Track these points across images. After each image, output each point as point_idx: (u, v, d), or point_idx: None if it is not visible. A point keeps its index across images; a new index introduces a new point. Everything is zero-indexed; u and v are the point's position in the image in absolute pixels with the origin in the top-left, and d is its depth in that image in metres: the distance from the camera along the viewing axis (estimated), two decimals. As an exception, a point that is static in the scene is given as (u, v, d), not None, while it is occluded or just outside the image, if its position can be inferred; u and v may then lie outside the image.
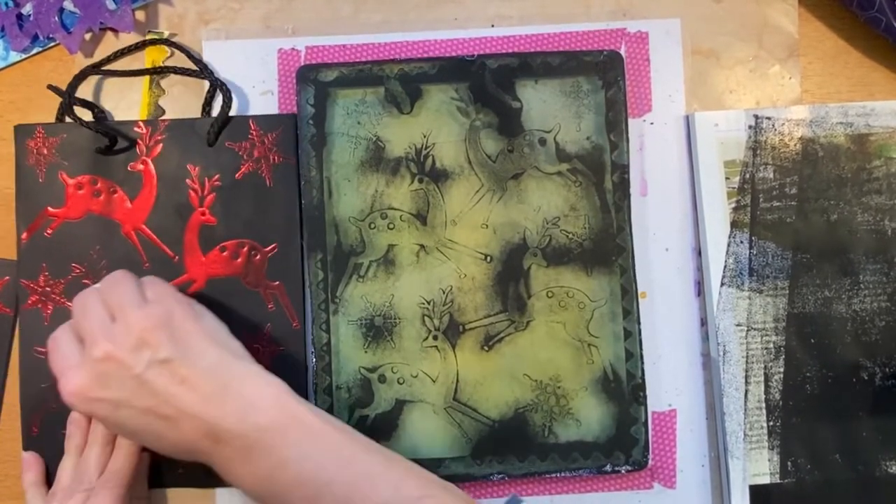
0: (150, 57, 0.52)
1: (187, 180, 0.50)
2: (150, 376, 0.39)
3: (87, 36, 0.51)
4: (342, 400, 0.49)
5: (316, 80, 0.50)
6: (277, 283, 0.49)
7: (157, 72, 0.51)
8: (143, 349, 0.39)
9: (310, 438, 0.39)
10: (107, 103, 0.52)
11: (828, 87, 0.52)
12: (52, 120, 0.50)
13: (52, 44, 0.51)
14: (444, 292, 0.49)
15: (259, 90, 0.51)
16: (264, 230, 0.49)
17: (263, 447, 0.38)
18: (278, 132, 0.50)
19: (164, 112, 0.51)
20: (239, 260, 0.49)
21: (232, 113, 0.50)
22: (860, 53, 0.53)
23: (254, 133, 0.50)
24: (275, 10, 0.52)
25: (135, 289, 0.42)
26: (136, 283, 0.42)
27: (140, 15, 0.52)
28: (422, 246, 0.50)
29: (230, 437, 0.38)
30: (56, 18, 0.50)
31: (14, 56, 0.51)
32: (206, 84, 0.50)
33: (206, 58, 0.51)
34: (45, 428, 0.49)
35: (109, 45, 0.52)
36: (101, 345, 0.39)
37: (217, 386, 0.39)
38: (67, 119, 0.49)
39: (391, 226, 0.50)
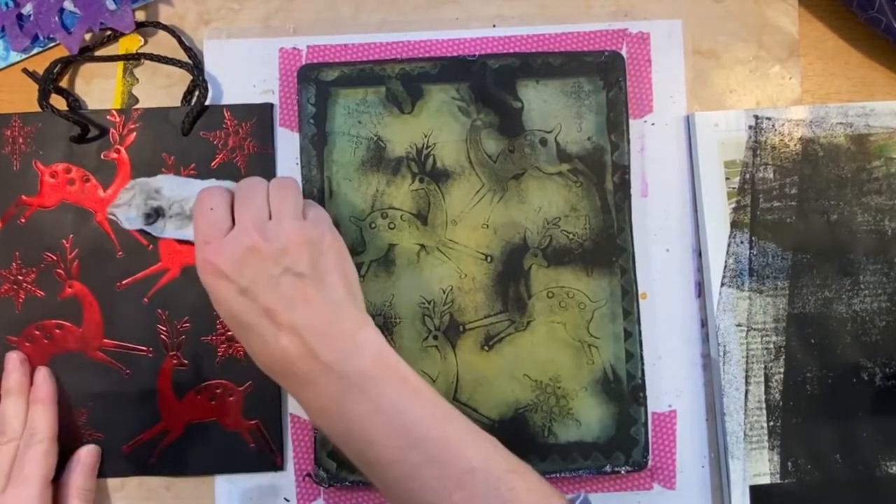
0: (124, 46, 0.52)
1: (162, 169, 0.50)
2: (284, 282, 0.39)
3: (88, 36, 0.51)
4: None
5: (317, 80, 0.50)
6: None
7: (131, 58, 0.51)
8: (285, 256, 0.40)
9: (408, 392, 0.39)
10: (81, 92, 0.52)
11: (828, 87, 0.52)
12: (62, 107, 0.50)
13: (53, 44, 0.51)
14: (444, 292, 0.49)
15: (260, 89, 0.51)
16: None
17: (360, 391, 0.38)
18: (253, 122, 0.50)
19: (137, 101, 0.51)
20: None
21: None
22: (860, 54, 0.53)
23: (228, 122, 0.50)
24: (275, 9, 0.52)
25: (300, 202, 0.42)
26: (301, 196, 0.43)
27: (140, 15, 0.52)
28: (422, 246, 0.50)
29: (329, 371, 0.38)
30: (56, 18, 0.50)
31: (14, 56, 0.51)
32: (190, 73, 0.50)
33: (206, 58, 0.51)
34: None
35: (110, 45, 0.52)
36: (252, 235, 0.40)
37: (334, 321, 0.40)
38: (42, 108, 0.49)
39: (392, 225, 0.50)
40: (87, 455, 0.48)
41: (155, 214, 0.48)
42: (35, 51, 0.51)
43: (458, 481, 0.37)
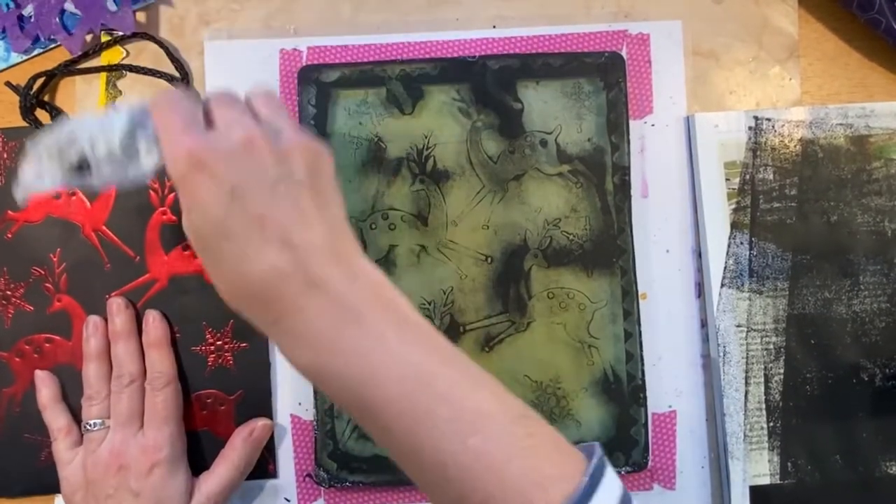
0: (106, 58, 0.52)
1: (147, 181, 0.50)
2: (281, 188, 0.33)
3: (88, 37, 0.51)
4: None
5: (317, 81, 0.50)
6: None
7: (113, 69, 0.51)
8: (286, 160, 0.34)
9: (410, 328, 0.34)
10: (65, 105, 0.51)
11: (828, 88, 0.52)
12: (46, 121, 0.50)
13: (54, 45, 0.51)
14: (444, 293, 0.49)
15: (260, 91, 0.51)
16: None
17: (357, 322, 0.32)
18: None
19: None
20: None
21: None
22: (860, 55, 0.53)
23: None
24: (276, 10, 0.52)
25: (289, 116, 0.37)
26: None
27: (141, 16, 0.52)
28: (422, 247, 0.50)
29: (322, 294, 0.32)
30: (57, 20, 0.50)
31: (15, 57, 0.51)
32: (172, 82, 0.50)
33: (207, 59, 0.51)
34: (8, 433, 0.49)
35: (93, 57, 0.52)
36: (250, 128, 0.34)
37: (332, 240, 0.34)
38: (25, 122, 0.49)
39: (392, 226, 0.50)
40: (261, 429, 0.48)
41: (82, 165, 0.37)
42: (36, 52, 0.51)
43: (472, 424, 0.32)
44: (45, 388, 0.48)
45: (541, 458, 0.32)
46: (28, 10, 0.50)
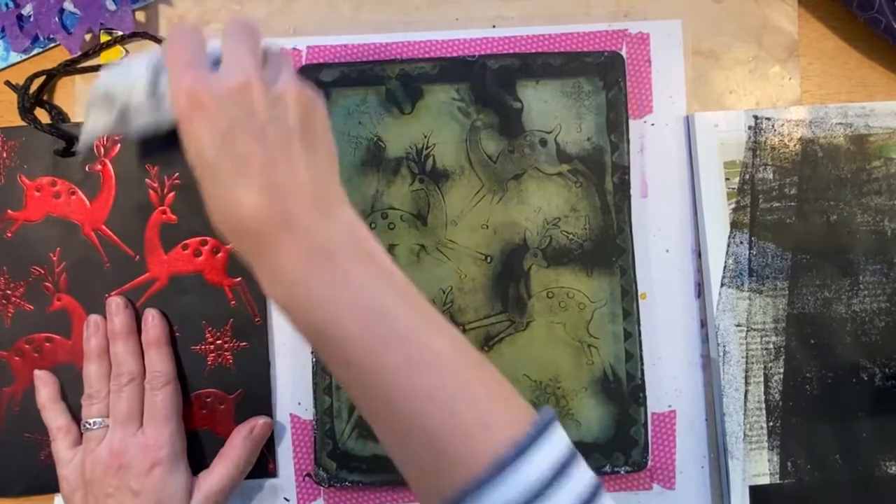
0: (106, 58, 0.52)
1: (147, 179, 0.50)
2: (269, 131, 0.35)
3: (88, 37, 0.51)
4: (343, 399, 0.49)
5: (317, 80, 0.50)
6: (239, 278, 0.49)
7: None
8: (278, 105, 0.36)
9: (379, 271, 0.35)
10: (64, 105, 0.52)
11: (827, 87, 0.52)
12: (45, 121, 0.50)
13: (53, 45, 0.51)
14: (444, 292, 0.49)
15: (259, 90, 0.51)
16: None
17: (328, 260, 0.34)
18: None
19: None
20: (201, 257, 0.49)
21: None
22: (860, 54, 0.53)
23: None
24: (275, 10, 0.52)
25: (290, 65, 0.39)
26: None
27: (140, 16, 0.52)
28: (422, 246, 0.50)
29: (297, 233, 0.34)
30: (56, 19, 0.50)
31: (14, 57, 0.51)
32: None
33: (206, 58, 0.51)
34: (7, 432, 0.49)
35: (93, 58, 0.52)
36: (248, 70, 0.35)
37: (314, 185, 0.36)
38: (24, 121, 0.49)
39: (391, 226, 0.50)
40: (261, 427, 0.48)
41: (124, 112, 0.41)
42: (35, 51, 0.51)
43: (427, 364, 0.33)
44: (45, 387, 0.48)
45: (491, 404, 0.34)
46: (27, 10, 0.50)
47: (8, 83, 0.50)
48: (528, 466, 0.32)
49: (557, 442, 0.33)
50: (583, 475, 0.33)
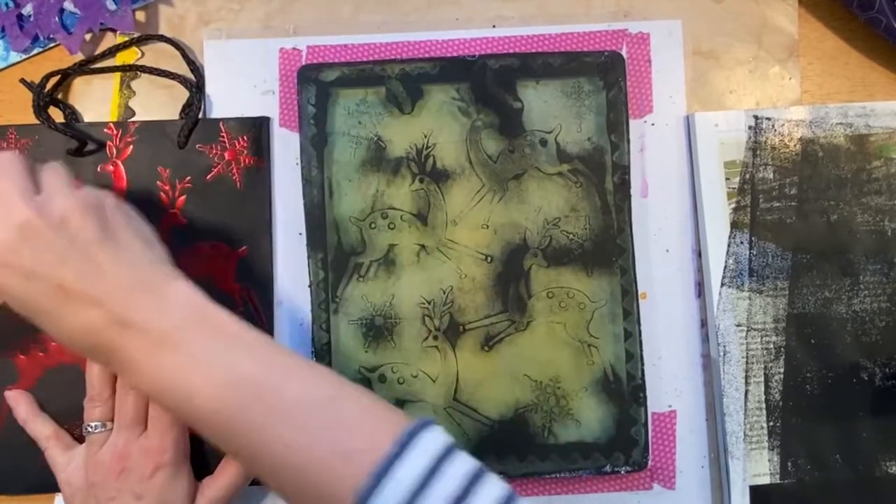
0: (121, 58, 0.52)
1: (158, 182, 0.50)
2: (71, 253, 0.37)
3: (88, 36, 0.51)
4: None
5: (317, 80, 0.50)
6: (247, 284, 0.49)
7: (128, 69, 0.51)
8: (67, 226, 0.37)
9: (225, 337, 0.37)
10: (78, 104, 0.52)
11: (828, 87, 0.52)
12: (59, 120, 0.50)
13: (53, 44, 0.51)
14: (444, 292, 0.49)
15: (260, 90, 0.51)
16: (235, 233, 0.50)
17: (173, 344, 0.36)
18: (249, 135, 0.50)
19: (134, 114, 0.51)
20: (210, 261, 0.49)
21: (225, 113, 0.51)
22: (860, 54, 0.53)
23: (224, 136, 0.50)
24: (275, 10, 0.52)
25: (68, 177, 0.40)
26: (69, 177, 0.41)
27: (140, 15, 0.52)
28: (422, 246, 0.50)
29: (139, 329, 0.36)
30: (56, 19, 0.50)
31: (14, 56, 0.51)
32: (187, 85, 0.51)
33: (206, 58, 0.51)
34: (10, 430, 0.49)
35: (109, 45, 0.52)
36: (22, 211, 0.37)
37: (135, 281, 0.37)
38: (38, 120, 0.49)
39: (392, 226, 0.50)
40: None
41: None
42: (35, 51, 0.51)
43: (282, 415, 0.35)
44: (19, 405, 0.48)
45: (349, 433, 0.35)
46: (27, 10, 0.50)
47: (23, 81, 0.50)
48: (392, 482, 0.33)
49: (426, 446, 0.34)
50: (458, 471, 0.33)
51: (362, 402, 0.37)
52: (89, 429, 0.45)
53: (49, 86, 0.50)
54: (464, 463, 0.34)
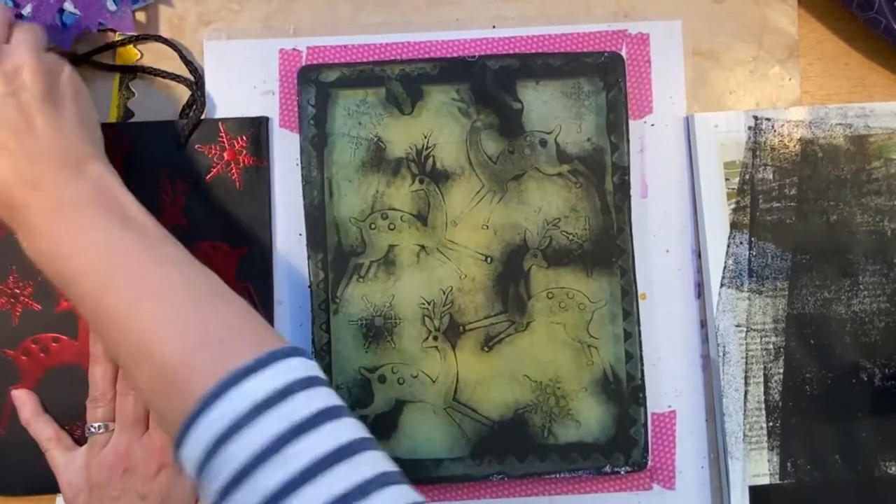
0: (121, 59, 0.52)
1: (158, 182, 0.50)
2: (9, 104, 0.38)
3: (87, 37, 0.51)
4: (345, 401, 0.49)
5: (317, 81, 0.50)
6: (247, 284, 0.49)
7: (128, 70, 0.51)
8: (17, 78, 0.39)
9: (119, 216, 0.38)
10: None
11: (827, 88, 0.52)
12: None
13: (52, 44, 0.51)
14: (444, 293, 0.49)
15: (260, 90, 0.51)
16: (235, 232, 0.50)
17: (76, 209, 0.38)
18: (249, 135, 0.50)
19: (133, 115, 0.51)
20: (211, 261, 0.49)
21: (224, 114, 0.51)
22: (860, 55, 0.53)
23: (223, 136, 0.50)
24: (275, 10, 0.52)
25: (43, 41, 0.42)
26: (45, 41, 0.42)
27: (140, 16, 0.52)
28: (422, 246, 0.50)
29: (45, 192, 0.38)
30: (56, 19, 0.50)
31: (14, 56, 0.51)
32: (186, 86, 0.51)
33: (206, 58, 0.51)
34: (12, 430, 0.49)
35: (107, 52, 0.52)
36: None
37: (58, 148, 0.39)
38: None
39: (392, 226, 0.50)
40: None
41: None
42: (35, 51, 0.51)
43: (150, 292, 0.36)
44: (25, 405, 0.48)
45: (212, 326, 0.36)
46: (27, 10, 0.50)
47: None
48: (238, 393, 0.33)
49: (282, 371, 0.34)
50: (312, 403, 0.33)
51: (238, 310, 0.37)
52: (92, 429, 0.45)
53: None
54: (321, 396, 0.34)
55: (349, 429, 0.33)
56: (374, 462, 0.33)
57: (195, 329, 0.36)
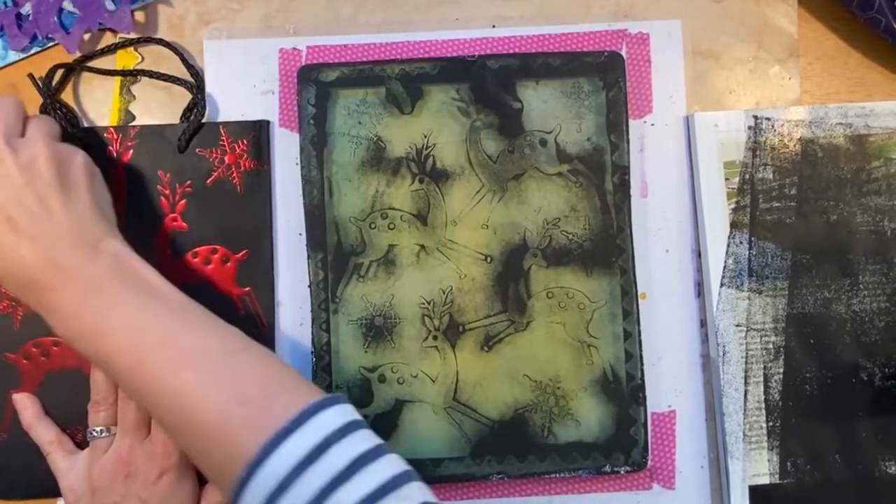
0: (122, 61, 0.52)
1: (158, 186, 0.50)
2: (28, 193, 0.40)
3: (86, 36, 0.51)
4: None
5: (317, 80, 0.50)
6: (248, 288, 0.49)
7: (129, 74, 0.51)
8: (31, 168, 0.41)
9: (147, 289, 0.40)
10: (78, 109, 0.51)
11: (827, 87, 0.52)
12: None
13: (52, 44, 0.51)
14: (444, 292, 0.49)
15: (260, 90, 0.51)
16: (235, 236, 0.50)
17: (97, 290, 0.39)
18: (249, 139, 0.50)
19: (134, 118, 0.51)
20: (210, 266, 0.49)
21: (225, 113, 0.51)
22: (860, 54, 0.53)
23: (224, 140, 0.50)
24: (275, 10, 0.52)
25: (56, 133, 0.44)
26: (59, 133, 0.45)
27: (140, 16, 0.52)
28: (422, 246, 0.50)
29: (69, 276, 0.39)
30: (55, 18, 0.50)
31: (13, 56, 0.51)
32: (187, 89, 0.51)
33: (206, 58, 0.51)
34: (13, 434, 0.49)
35: (107, 55, 0.52)
36: (1, 147, 0.41)
37: (76, 230, 0.40)
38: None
39: (392, 226, 0.50)
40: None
41: None
42: (34, 50, 0.51)
43: (184, 360, 0.38)
44: (26, 409, 0.48)
45: (247, 383, 0.38)
46: (26, 9, 0.50)
47: (31, 77, 0.50)
48: (277, 458, 0.35)
49: (317, 427, 0.36)
50: (347, 452, 0.35)
51: (266, 361, 0.40)
52: (94, 433, 0.45)
53: (56, 79, 0.50)
54: (357, 442, 0.36)
55: (388, 466, 0.36)
56: (411, 494, 0.35)
57: (232, 389, 0.38)
